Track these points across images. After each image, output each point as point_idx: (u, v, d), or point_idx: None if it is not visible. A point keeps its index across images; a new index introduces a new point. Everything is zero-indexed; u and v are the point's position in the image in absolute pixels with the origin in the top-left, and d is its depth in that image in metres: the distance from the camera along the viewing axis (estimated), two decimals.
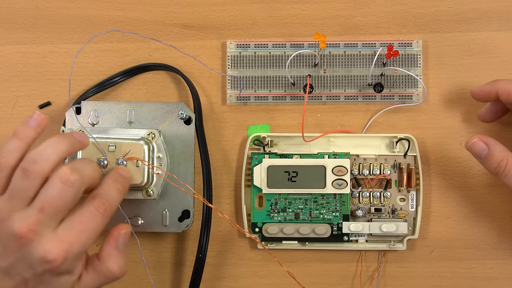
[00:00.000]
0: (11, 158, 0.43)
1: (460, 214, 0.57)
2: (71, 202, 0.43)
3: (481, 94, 0.53)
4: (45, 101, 0.58)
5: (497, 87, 0.52)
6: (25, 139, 0.44)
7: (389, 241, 0.56)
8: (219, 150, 0.57)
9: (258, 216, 0.56)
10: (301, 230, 0.55)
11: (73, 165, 0.43)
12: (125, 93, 0.58)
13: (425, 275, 0.57)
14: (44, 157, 0.43)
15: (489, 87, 0.53)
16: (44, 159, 0.43)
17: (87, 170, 0.44)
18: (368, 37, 0.57)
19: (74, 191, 0.43)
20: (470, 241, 0.57)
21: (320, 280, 0.57)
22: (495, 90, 0.52)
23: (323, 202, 0.55)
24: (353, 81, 0.57)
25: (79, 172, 0.43)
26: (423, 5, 0.57)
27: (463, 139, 0.57)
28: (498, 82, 0.53)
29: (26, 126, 0.45)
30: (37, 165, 0.42)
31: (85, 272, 0.46)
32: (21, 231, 0.41)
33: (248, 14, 0.58)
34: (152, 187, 0.53)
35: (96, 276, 0.46)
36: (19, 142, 0.44)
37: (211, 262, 0.57)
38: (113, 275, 0.46)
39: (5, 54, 0.58)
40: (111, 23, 0.58)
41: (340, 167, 0.54)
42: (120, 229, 0.47)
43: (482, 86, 0.53)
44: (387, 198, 0.56)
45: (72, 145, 0.45)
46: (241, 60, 0.57)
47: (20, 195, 0.42)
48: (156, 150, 0.54)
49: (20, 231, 0.41)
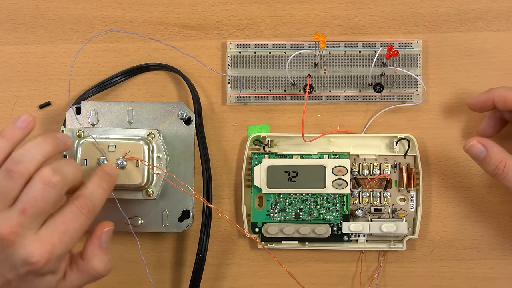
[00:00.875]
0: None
1: (460, 214, 0.57)
2: (53, 204, 0.43)
3: (478, 103, 0.53)
4: (45, 101, 0.58)
5: (493, 95, 0.52)
6: (12, 139, 0.44)
7: (389, 241, 0.56)
8: (219, 150, 0.57)
9: (258, 216, 0.56)
10: (301, 230, 0.55)
11: (55, 166, 0.43)
12: (125, 93, 0.58)
13: (425, 275, 0.57)
14: (28, 158, 0.43)
15: (485, 96, 0.53)
16: (28, 159, 0.43)
17: (70, 170, 0.44)
18: (368, 37, 0.57)
19: (56, 192, 0.42)
20: (470, 241, 0.57)
21: (320, 280, 0.57)
22: (491, 98, 0.52)
23: (323, 202, 0.55)
24: (353, 81, 0.57)
25: (61, 173, 0.43)
26: (423, 5, 0.57)
27: (463, 139, 0.57)
28: (494, 90, 0.52)
29: (13, 126, 0.45)
30: (20, 166, 0.42)
31: (70, 270, 0.46)
32: (2, 233, 0.41)
33: (248, 14, 0.58)
34: (152, 187, 0.53)
35: (81, 274, 0.46)
36: (5, 142, 0.44)
37: (211, 262, 0.57)
38: (98, 273, 0.46)
39: (5, 54, 0.58)
40: (111, 23, 0.58)
41: (340, 167, 0.54)
42: (103, 227, 0.47)
43: (478, 96, 0.53)
44: (387, 198, 0.56)
45: (56, 146, 0.45)
46: (241, 60, 0.57)
47: (2, 196, 0.42)
48: (156, 150, 0.54)
49: (2, 233, 0.41)
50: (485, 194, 0.57)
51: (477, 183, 0.57)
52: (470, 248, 0.57)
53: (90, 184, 0.46)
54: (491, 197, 0.57)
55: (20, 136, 0.45)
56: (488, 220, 0.56)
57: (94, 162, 0.52)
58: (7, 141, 0.44)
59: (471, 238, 0.57)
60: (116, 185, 0.51)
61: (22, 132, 0.45)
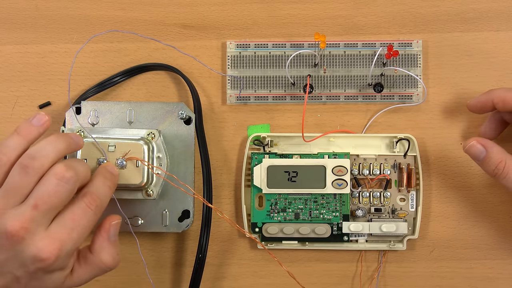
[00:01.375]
0: (12, 154, 0.43)
1: (460, 214, 0.57)
2: (65, 199, 0.43)
3: (477, 105, 0.53)
4: (45, 101, 0.58)
5: (492, 96, 0.52)
6: (27, 137, 0.44)
7: (389, 241, 0.56)
8: (219, 150, 0.57)
9: (258, 216, 0.56)
10: (301, 230, 0.55)
11: (67, 163, 0.43)
12: (125, 93, 0.58)
13: (425, 275, 0.57)
14: (44, 154, 0.43)
15: (485, 97, 0.53)
16: (43, 155, 0.43)
17: (81, 168, 0.45)
18: (368, 37, 0.57)
19: (69, 188, 0.43)
20: (470, 241, 0.57)
21: (320, 280, 0.57)
22: (490, 99, 0.52)
23: (323, 202, 0.55)
24: (353, 81, 0.57)
25: (74, 169, 0.43)
26: (423, 5, 0.57)
27: (463, 139, 0.57)
28: (493, 91, 0.52)
29: (29, 124, 0.45)
30: (36, 162, 0.42)
31: (78, 265, 0.46)
32: (13, 229, 0.41)
33: (248, 14, 0.58)
34: (152, 187, 0.53)
35: (90, 268, 0.46)
36: (20, 139, 0.44)
37: (211, 262, 0.57)
38: (107, 267, 0.46)
39: (5, 54, 0.58)
40: (111, 23, 0.58)
41: (340, 167, 0.54)
42: (111, 220, 0.47)
43: (478, 97, 0.53)
44: (387, 198, 0.56)
45: (69, 145, 0.45)
46: (241, 60, 0.57)
47: (16, 191, 0.42)
48: (156, 150, 0.54)
49: (13, 229, 0.41)
50: (485, 194, 0.57)
51: (477, 183, 0.57)
52: (470, 248, 0.57)
53: (97, 181, 0.46)
54: (491, 197, 0.57)
55: (36, 134, 0.45)
56: (488, 220, 0.56)
57: (94, 162, 0.52)
58: (23, 138, 0.44)
59: (471, 238, 0.57)
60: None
61: (38, 130, 0.45)
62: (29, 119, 0.45)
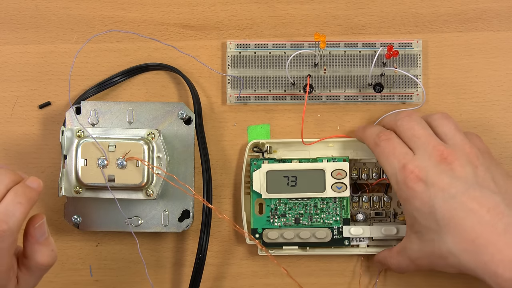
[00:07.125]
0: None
1: None
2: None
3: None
4: (45, 101, 0.58)
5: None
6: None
7: (390, 245, 0.56)
8: (219, 150, 0.57)
9: (258, 222, 0.55)
10: (302, 235, 0.55)
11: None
12: (125, 93, 0.58)
13: (425, 275, 0.56)
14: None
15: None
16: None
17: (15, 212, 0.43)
18: (368, 37, 0.57)
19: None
20: None
21: (320, 280, 0.57)
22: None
23: (323, 206, 0.55)
24: (353, 81, 0.57)
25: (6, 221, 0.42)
26: (423, 5, 0.57)
27: None
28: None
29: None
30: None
31: (21, 273, 0.46)
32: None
33: (248, 14, 0.58)
34: (152, 187, 0.53)
35: (31, 273, 0.46)
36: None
37: (211, 262, 0.57)
38: (45, 266, 0.46)
39: (5, 54, 0.58)
40: (111, 23, 0.58)
41: (339, 170, 0.54)
42: (34, 223, 0.46)
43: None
44: (387, 202, 0.56)
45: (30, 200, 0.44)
46: (241, 60, 0.57)
47: None
48: (156, 150, 0.54)
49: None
50: None
51: None
52: None
53: (4, 204, 0.43)
54: None
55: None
56: None
57: (94, 162, 0.52)
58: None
59: None
60: (116, 185, 0.52)
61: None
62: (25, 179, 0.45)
